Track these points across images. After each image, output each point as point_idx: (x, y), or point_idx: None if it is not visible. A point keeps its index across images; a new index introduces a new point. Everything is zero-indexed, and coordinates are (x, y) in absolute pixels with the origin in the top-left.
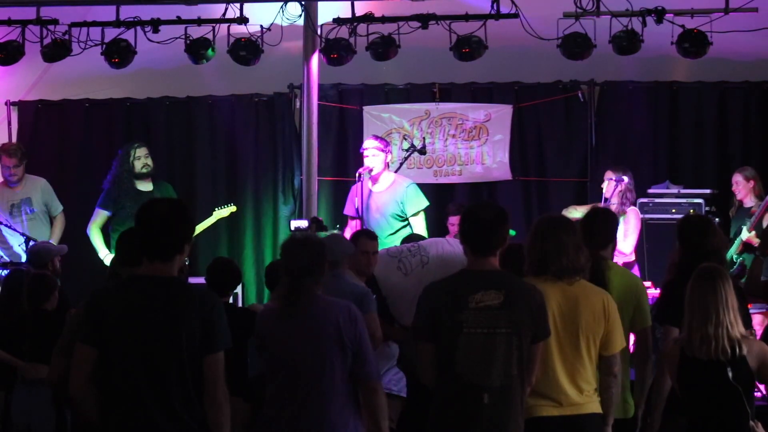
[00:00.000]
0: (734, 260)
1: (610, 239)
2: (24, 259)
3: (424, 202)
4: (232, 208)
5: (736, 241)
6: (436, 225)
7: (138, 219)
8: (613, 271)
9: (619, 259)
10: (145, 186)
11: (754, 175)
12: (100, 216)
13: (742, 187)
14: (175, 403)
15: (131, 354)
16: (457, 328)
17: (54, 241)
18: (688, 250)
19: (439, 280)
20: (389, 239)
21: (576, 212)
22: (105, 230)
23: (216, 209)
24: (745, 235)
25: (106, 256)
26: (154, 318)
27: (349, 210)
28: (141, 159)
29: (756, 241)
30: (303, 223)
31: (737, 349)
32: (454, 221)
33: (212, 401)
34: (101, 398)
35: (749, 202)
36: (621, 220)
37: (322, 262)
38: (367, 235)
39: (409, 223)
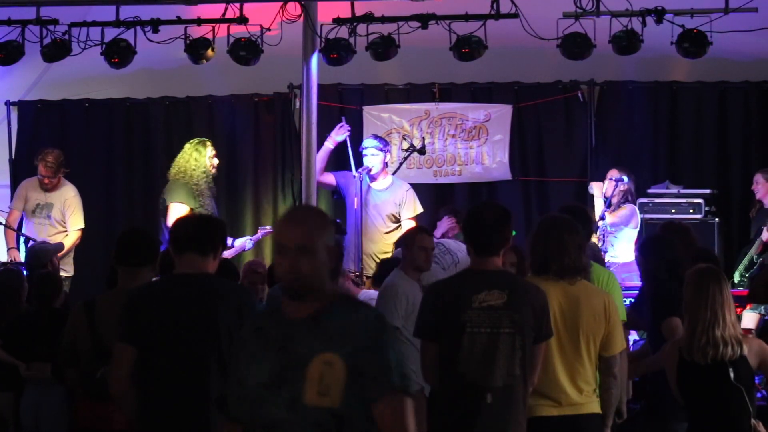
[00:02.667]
0: (754, 261)
1: (588, 237)
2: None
3: (420, 209)
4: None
5: (755, 242)
6: (435, 226)
7: (179, 219)
8: (593, 268)
9: (615, 258)
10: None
11: None
12: (183, 211)
13: (761, 187)
14: (211, 396)
15: (170, 351)
16: (461, 327)
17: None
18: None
19: (442, 279)
20: (384, 237)
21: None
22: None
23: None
24: (766, 235)
25: None
26: (191, 315)
27: (330, 176)
28: (213, 159)
29: None
30: None
31: (740, 350)
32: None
33: None
34: (140, 395)
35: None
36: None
37: (338, 264)
38: (425, 232)
39: (400, 226)
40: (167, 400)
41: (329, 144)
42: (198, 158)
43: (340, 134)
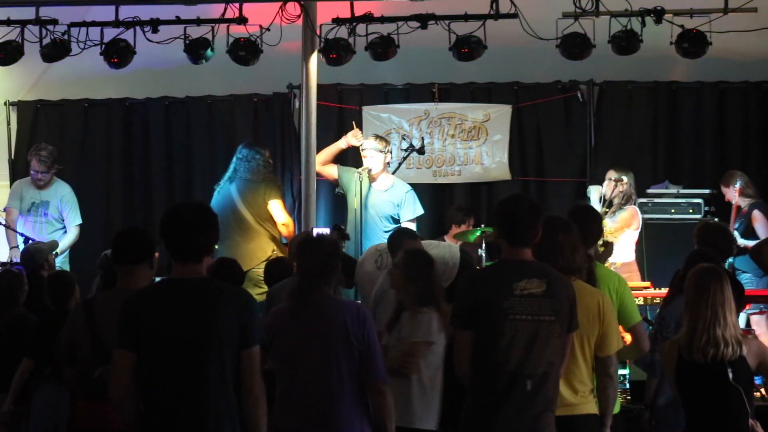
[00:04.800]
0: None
1: (596, 238)
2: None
3: (420, 210)
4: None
5: None
6: (435, 225)
7: (167, 224)
8: (598, 270)
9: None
10: None
11: (731, 181)
12: (283, 206)
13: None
14: (215, 401)
15: (172, 356)
16: (503, 314)
17: (59, 250)
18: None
19: (477, 270)
20: (384, 237)
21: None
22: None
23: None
24: None
25: None
26: (193, 319)
27: (334, 168)
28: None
29: (740, 242)
30: (325, 231)
31: (739, 350)
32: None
33: (249, 394)
34: (141, 400)
35: (741, 203)
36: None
37: (335, 263)
38: (410, 236)
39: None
40: (168, 405)
41: (342, 144)
42: (262, 158)
43: (354, 141)
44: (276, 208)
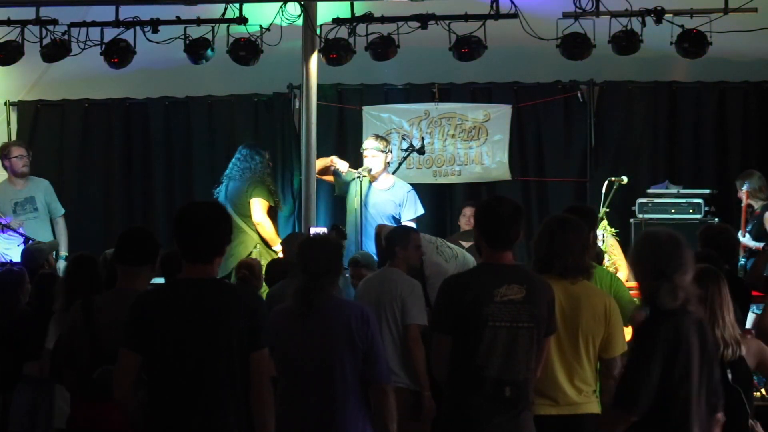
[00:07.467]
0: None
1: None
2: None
3: (421, 210)
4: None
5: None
6: (436, 225)
7: (179, 223)
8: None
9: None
10: None
11: (743, 181)
12: (265, 207)
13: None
14: (224, 403)
15: (181, 357)
16: (483, 321)
17: (62, 246)
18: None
19: (459, 273)
20: None
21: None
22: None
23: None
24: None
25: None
26: (203, 320)
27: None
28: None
29: (751, 244)
30: (322, 230)
31: (738, 351)
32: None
33: (258, 397)
34: (146, 401)
35: (754, 204)
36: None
37: (339, 263)
38: (416, 231)
39: None
40: (176, 406)
41: (327, 161)
42: (265, 161)
43: (339, 164)
44: (256, 205)
